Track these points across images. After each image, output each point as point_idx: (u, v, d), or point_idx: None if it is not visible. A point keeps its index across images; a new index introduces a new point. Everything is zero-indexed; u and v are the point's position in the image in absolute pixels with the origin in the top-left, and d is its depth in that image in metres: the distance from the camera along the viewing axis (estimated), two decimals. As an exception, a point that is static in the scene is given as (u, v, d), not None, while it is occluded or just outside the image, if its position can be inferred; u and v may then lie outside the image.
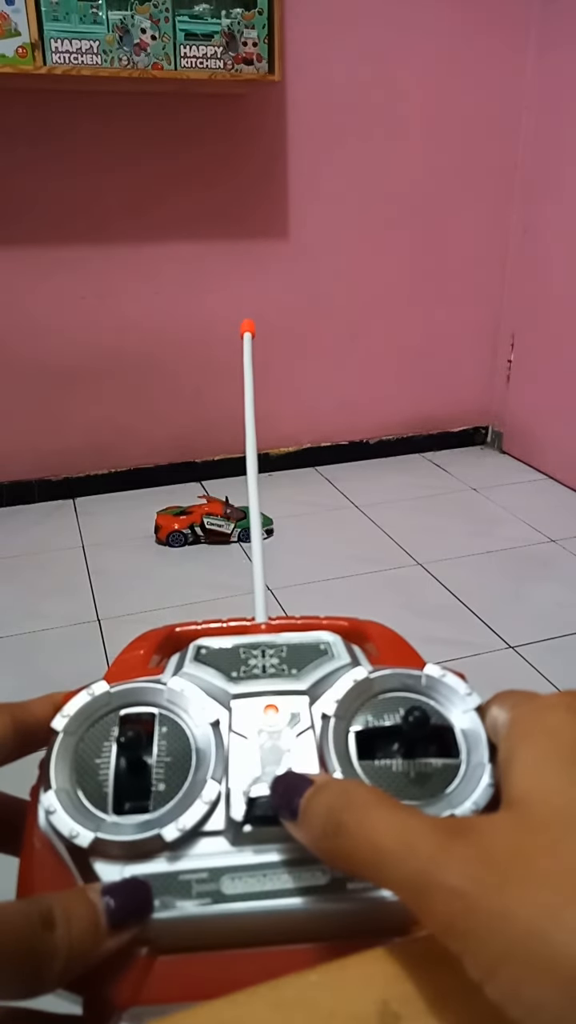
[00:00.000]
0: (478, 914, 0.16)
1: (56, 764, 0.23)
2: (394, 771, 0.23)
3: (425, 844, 0.17)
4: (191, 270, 2.17)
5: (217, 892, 0.21)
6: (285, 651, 0.26)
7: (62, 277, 2.07)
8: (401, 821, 0.18)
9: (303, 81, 2.05)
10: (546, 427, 2.42)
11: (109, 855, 0.21)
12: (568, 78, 2.12)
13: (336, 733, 0.23)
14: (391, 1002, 0.18)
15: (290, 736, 0.23)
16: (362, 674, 0.25)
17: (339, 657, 0.26)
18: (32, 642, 1.59)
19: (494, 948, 0.15)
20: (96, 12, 1.66)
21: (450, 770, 0.23)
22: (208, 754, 0.23)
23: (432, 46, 2.14)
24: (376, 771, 0.23)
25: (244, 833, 0.21)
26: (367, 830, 0.18)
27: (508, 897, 0.16)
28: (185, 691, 0.24)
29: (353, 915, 0.21)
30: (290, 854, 0.21)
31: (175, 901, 0.21)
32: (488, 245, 2.44)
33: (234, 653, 0.26)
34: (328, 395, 2.45)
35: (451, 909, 0.16)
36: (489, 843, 0.17)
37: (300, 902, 0.21)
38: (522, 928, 0.15)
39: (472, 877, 0.16)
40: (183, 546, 1.97)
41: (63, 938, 0.19)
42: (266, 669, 0.25)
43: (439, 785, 0.22)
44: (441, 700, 0.24)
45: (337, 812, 0.19)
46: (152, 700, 0.24)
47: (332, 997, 0.18)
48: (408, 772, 0.23)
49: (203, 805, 0.22)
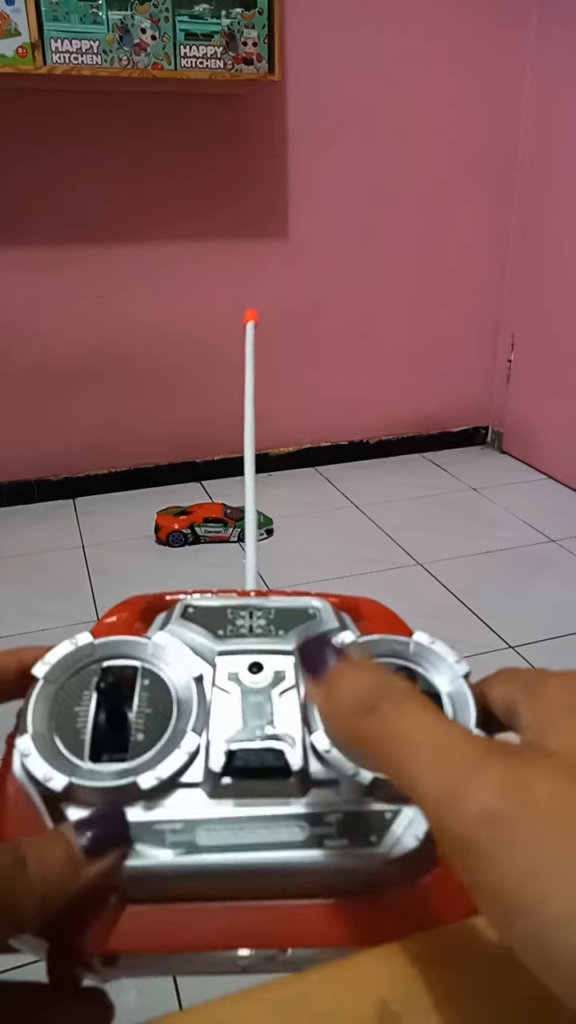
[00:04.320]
0: (511, 845, 0.15)
1: (34, 709, 0.22)
2: None
3: (462, 751, 0.16)
4: (191, 270, 2.17)
5: (191, 843, 0.20)
6: (273, 613, 0.26)
7: (62, 277, 2.07)
8: (440, 723, 0.17)
9: (303, 81, 2.05)
10: (546, 427, 2.42)
11: (83, 801, 0.21)
12: (568, 78, 2.12)
13: None
14: (391, 1002, 0.18)
15: (274, 694, 0.23)
16: (350, 638, 0.25)
17: (327, 622, 0.25)
18: (32, 642, 1.57)
19: (522, 890, 0.14)
20: (96, 12, 1.66)
21: None
22: (189, 707, 0.23)
23: (432, 46, 2.14)
24: None
25: (222, 785, 0.21)
26: (402, 720, 0.18)
27: (551, 837, 0.15)
28: (169, 646, 0.24)
29: (329, 872, 0.20)
30: (268, 808, 0.21)
31: (149, 850, 0.20)
32: (488, 245, 2.44)
33: (221, 612, 0.26)
34: (328, 395, 2.45)
35: (476, 830, 0.15)
36: (533, 776, 0.16)
37: (276, 856, 0.20)
38: (559, 877, 0.14)
39: (510, 799, 0.15)
40: (183, 546, 1.97)
41: (36, 874, 0.19)
42: (253, 629, 0.25)
43: None
44: (429, 667, 0.24)
45: (375, 692, 0.18)
46: (135, 653, 0.24)
47: (332, 997, 0.18)
48: None
49: (182, 755, 0.21)
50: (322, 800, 0.21)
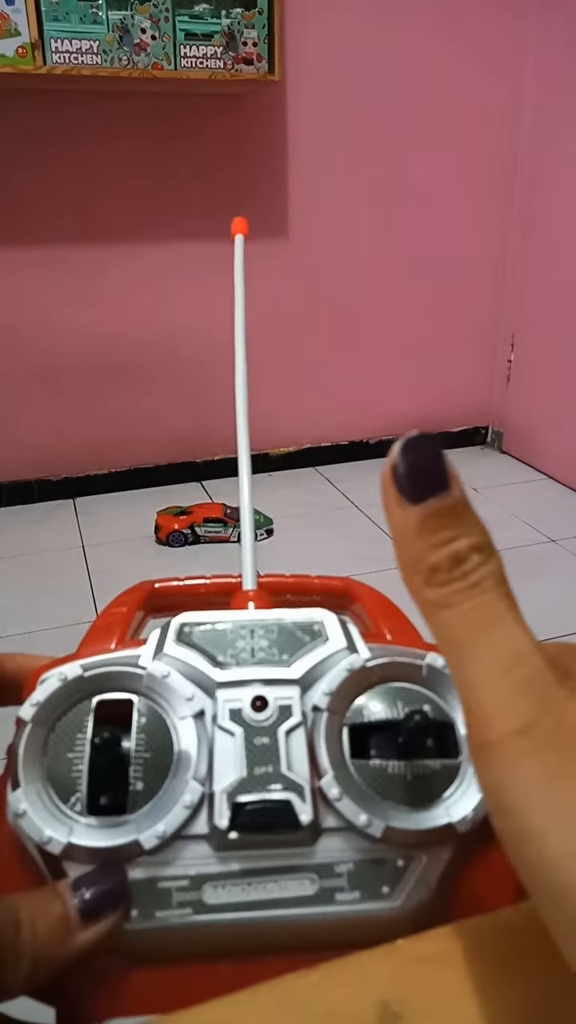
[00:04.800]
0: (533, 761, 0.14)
1: (24, 759, 0.21)
2: (390, 773, 0.21)
3: (534, 661, 0.15)
4: (191, 269, 2.17)
5: (199, 902, 0.19)
6: (276, 632, 0.24)
7: (62, 277, 2.07)
8: (515, 637, 0.16)
9: (303, 81, 2.05)
10: (546, 427, 2.41)
11: (83, 860, 0.20)
12: (569, 78, 2.12)
13: (328, 729, 0.22)
14: (391, 1002, 0.18)
15: (280, 733, 0.21)
16: (358, 662, 0.23)
17: (333, 640, 0.24)
18: (32, 642, 1.59)
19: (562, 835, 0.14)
20: (96, 12, 1.66)
21: (448, 772, 0.21)
22: (190, 751, 0.21)
23: (432, 46, 2.14)
24: (370, 772, 0.21)
25: (229, 840, 0.20)
26: (474, 611, 0.16)
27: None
28: (166, 677, 0.22)
29: (341, 926, 0.20)
30: (277, 861, 0.20)
31: (154, 911, 0.19)
32: (488, 245, 2.44)
33: (220, 634, 0.24)
34: (328, 395, 2.45)
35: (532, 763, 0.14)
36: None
37: (286, 913, 0.19)
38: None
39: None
40: (183, 546, 1.97)
41: (28, 939, 0.18)
42: (255, 653, 0.23)
43: (437, 788, 0.21)
44: (442, 693, 0.23)
45: (455, 559, 0.16)
46: (130, 686, 0.22)
47: (332, 997, 0.18)
48: (405, 774, 0.21)
49: (184, 810, 0.20)
50: (332, 849, 0.20)
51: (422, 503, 0.16)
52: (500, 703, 0.15)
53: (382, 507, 0.17)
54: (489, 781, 0.15)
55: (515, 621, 0.16)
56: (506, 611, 0.16)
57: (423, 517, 0.16)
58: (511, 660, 0.15)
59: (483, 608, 0.16)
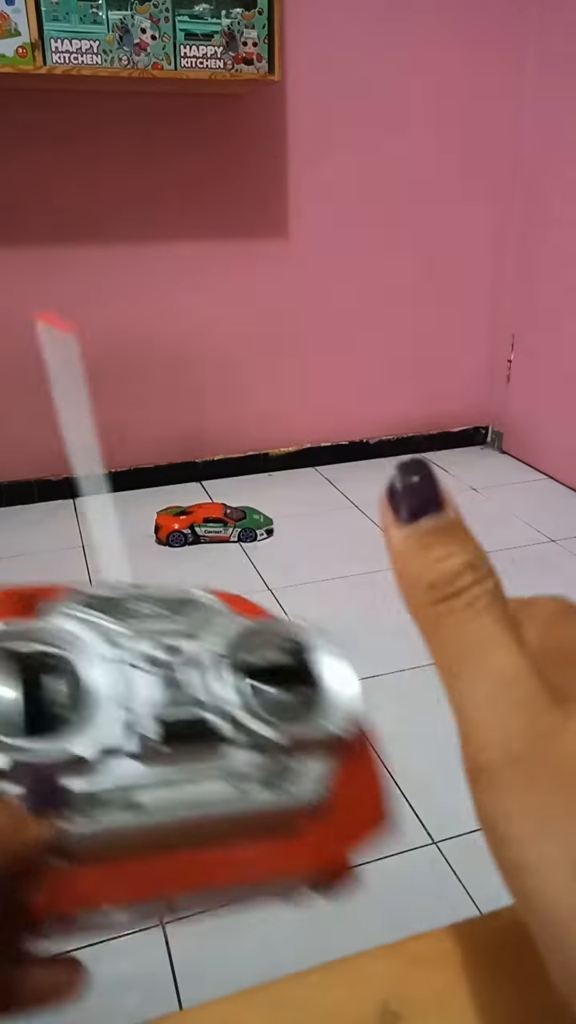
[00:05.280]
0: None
1: None
2: (283, 700, 0.24)
3: (530, 684, 0.15)
4: (191, 270, 2.17)
5: (134, 804, 0.22)
6: (163, 601, 0.26)
7: (62, 277, 2.07)
8: (510, 656, 0.16)
9: (303, 81, 2.05)
10: (546, 427, 2.42)
11: (20, 778, 0.21)
12: (569, 78, 2.12)
13: (231, 669, 0.24)
14: (391, 1002, 0.18)
15: (191, 671, 0.24)
16: (244, 620, 0.25)
17: (218, 607, 0.26)
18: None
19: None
20: (96, 12, 1.66)
21: (321, 694, 0.24)
22: (112, 683, 0.23)
23: (432, 46, 2.14)
24: (268, 698, 0.24)
25: (155, 753, 0.22)
26: (469, 623, 0.16)
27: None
28: (73, 629, 0.24)
29: (255, 817, 0.22)
30: (200, 771, 0.23)
31: (95, 815, 0.21)
32: (488, 245, 2.44)
33: (109, 601, 0.26)
34: (328, 395, 2.45)
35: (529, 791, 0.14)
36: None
37: (211, 811, 0.22)
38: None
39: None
40: (183, 546, 1.97)
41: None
42: (147, 613, 0.26)
43: (316, 707, 0.24)
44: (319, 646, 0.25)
45: (453, 577, 0.17)
46: (37, 638, 0.24)
47: (332, 997, 0.18)
48: (294, 700, 0.24)
49: (115, 730, 0.22)
50: (246, 759, 0.23)
51: (417, 523, 0.17)
52: (492, 727, 0.15)
53: (381, 529, 0.18)
54: (483, 808, 0.15)
55: (510, 643, 0.16)
56: (501, 632, 0.16)
57: (418, 536, 0.17)
58: (504, 683, 0.15)
59: (478, 629, 0.16)
